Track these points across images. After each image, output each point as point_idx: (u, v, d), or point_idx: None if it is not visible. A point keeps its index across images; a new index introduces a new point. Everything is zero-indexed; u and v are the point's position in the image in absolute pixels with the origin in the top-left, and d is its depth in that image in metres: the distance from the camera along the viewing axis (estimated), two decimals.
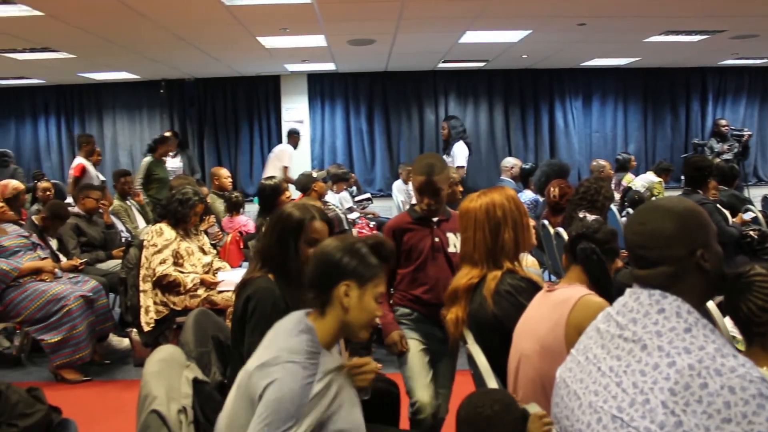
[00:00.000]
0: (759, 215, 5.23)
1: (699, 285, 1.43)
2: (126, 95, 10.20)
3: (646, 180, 7.30)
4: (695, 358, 1.31)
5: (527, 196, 6.49)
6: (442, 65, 9.59)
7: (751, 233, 4.66)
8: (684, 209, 1.46)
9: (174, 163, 8.26)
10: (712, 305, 2.37)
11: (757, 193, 8.61)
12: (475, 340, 2.35)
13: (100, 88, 10.13)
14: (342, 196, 7.66)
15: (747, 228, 4.81)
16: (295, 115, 10.23)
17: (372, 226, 6.95)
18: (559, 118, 10.44)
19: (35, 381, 4.11)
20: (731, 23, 6.63)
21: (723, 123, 9.48)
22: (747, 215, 5.17)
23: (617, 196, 6.96)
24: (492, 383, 2.08)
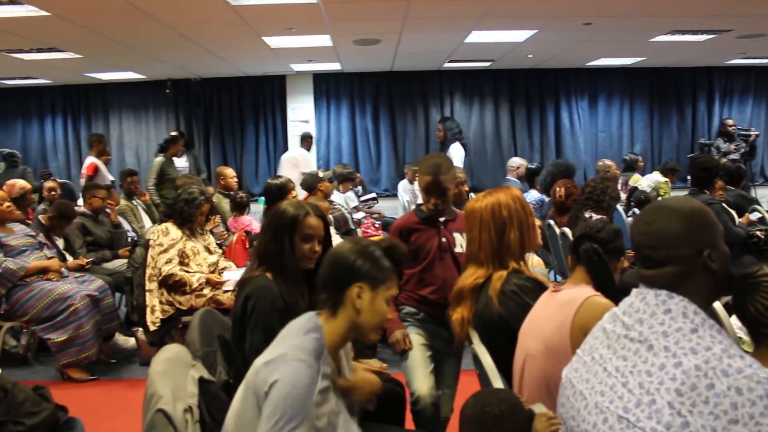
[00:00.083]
0: (766, 215, 5.19)
1: (706, 285, 1.43)
2: (132, 95, 10.22)
3: (652, 180, 7.27)
4: (702, 358, 1.30)
5: (533, 196, 6.48)
6: (447, 65, 9.58)
7: (758, 233, 4.65)
8: (691, 209, 1.46)
9: (180, 163, 8.27)
10: (718, 305, 2.36)
11: (764, 193, 8.61)
12: (481, 340, 2.35)
13: (106, 88, 10.15)
14: (347, 195, 7.66)
15: (754, 228, 4.80)
16: (301, 115, 10.23)
17: (377, 225, 6.95)
18: (565, 117, 10.41)
19: (42, 380, 4.13)
20: (738, 22, 6.60)
21: (730, 123, 9.43)
22: (754, 215, 5.14)
23: (623, 196, 6.93)
24: (498, 383, 2.08)
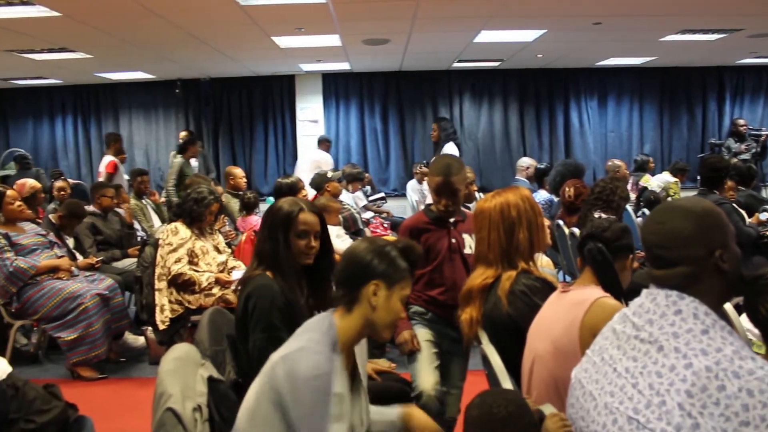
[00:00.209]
0: None
1: (717, 286, 1.42)
2: (142, 95, 10.27)
3: (661, 180, 7.23)
4: (713, 360, 1.29)
5: (542, 196, 6.45)
6: (456, 65, 9.57)
7: None
8: (703, 209, 1.45)
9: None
10: (729, 307, 2.35)
11: None
12: (490, 340, 2.34)
13: (116, 87, 10.21)
14: (356, 195, 7.66)
15: (764, 228, 4.76)
16: (310, 115, 10.25)
17: (386, 225, 6.96)
18: (574, 117, 10.38)
19: (52, 378, 4.15)
20: (749, 21, 6.56)
21: (741, 122, 9.37)
22: (764, 215, 5.10)
23: (633, 196, 6.90)
24: (507, 383, 2.08)
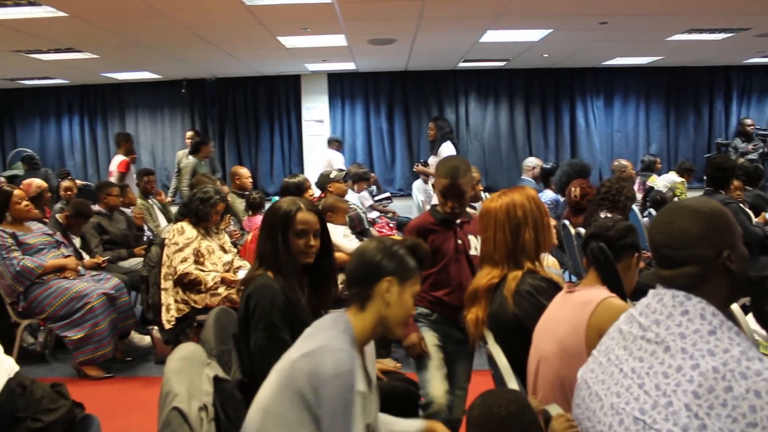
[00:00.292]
0: None
1: (724, 286, 1.42)
2: (148, 95, 10.29)
3: (668, 180, 7.20)
4: (720, 360, 1.29)
5: (548, 196, 6.45)
6: (462, 65, 9.55)
7: None
8: (711, 209, 1.45)
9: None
10: (736, 307, 2.35)
11: None
12: (495, 340, 2.34)
13: (122, 87, 10.23)
14: (362, 195, 7.66)
15: None
16: (316, 115, 10.25)
17: (392, 225, 6.96)
18: (581, 117, 10.34)
19: (59, 377, 4.17)
20: (756, 21, 6.52)
21: (748, 122, 9.34)
22: None
23: (640, 196, 6.88)
24: (513, 384, 2.07)
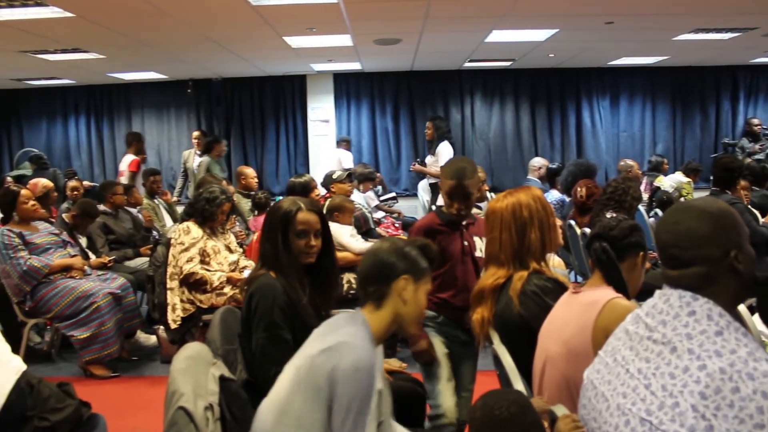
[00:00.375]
0: None
1: (732, 287, 1.41)
2: (154, 95, 10.31)
3: (674, 180, 7.19)
4: (727, 361, 1.28)
5: (554, 196, 6.43)
6: (468, 64, 9.54)
7: None
8: (718, 210, 1.44)
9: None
10: (742, 308, 2.33)
11: None
12: (501, 340, 2.34)
13: (128, 88, 10.26)
14: (368, 195, 7.67)
15: None
16: (321, 115, 10.25)
17: (397, 225, 6.96)
18: (586, 117, 10.32)
19: (65, 376, 4.18)
20: (763, 20, 6.49)
21: (755, 122, 9.29)
22: None
23: (647, 197, 6.87)
24: (518, 384, 2.07)
